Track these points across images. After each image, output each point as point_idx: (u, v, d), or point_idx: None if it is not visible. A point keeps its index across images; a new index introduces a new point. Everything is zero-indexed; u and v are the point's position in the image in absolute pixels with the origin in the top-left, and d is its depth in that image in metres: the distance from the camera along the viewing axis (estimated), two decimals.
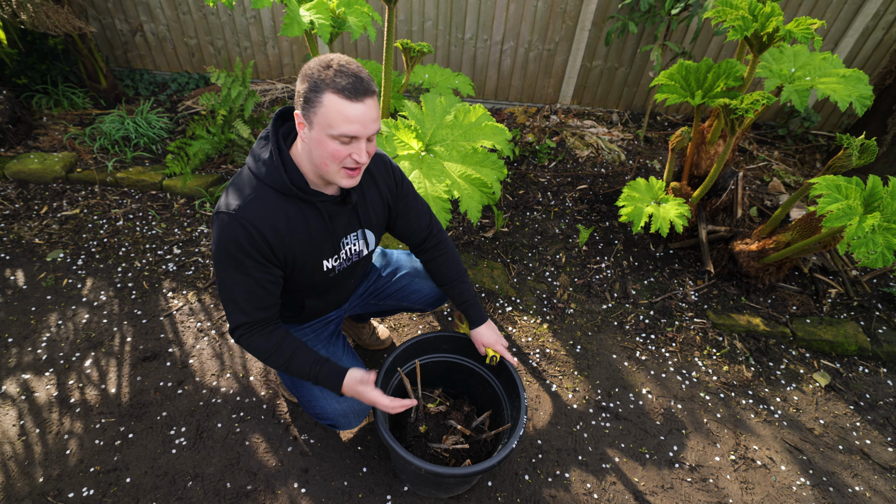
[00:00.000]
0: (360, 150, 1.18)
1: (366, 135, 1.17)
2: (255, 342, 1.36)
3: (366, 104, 1.14)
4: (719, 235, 2.84)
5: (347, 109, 1.12)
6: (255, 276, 1.29)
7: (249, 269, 1.28)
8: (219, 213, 1.26)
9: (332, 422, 1.54)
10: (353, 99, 1.12)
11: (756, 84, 3.73)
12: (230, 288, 1.29)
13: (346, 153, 1.18)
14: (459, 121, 2.32)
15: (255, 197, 1.25)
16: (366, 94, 1.13)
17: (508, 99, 4.03)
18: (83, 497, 1.71)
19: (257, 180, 1.28)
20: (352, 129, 1.14)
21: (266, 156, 1.26)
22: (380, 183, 1.48)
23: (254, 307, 1.32)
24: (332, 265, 1.45)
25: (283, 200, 1.29)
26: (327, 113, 1.13)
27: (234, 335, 1.36)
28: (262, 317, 1.35)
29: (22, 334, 2.22)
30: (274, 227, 1.27)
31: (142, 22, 3.68)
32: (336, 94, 1.11)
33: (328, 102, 1.12)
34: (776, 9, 2.17)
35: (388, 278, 1.80)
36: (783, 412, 2.19)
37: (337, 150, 1.17)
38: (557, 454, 1.95)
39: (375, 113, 1.17)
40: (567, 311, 2.54)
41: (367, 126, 1.16)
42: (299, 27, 2.02)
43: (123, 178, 3.06)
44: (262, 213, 1.25)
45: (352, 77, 1.12)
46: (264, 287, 1.31)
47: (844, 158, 2.17)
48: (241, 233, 1.23)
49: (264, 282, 1.31)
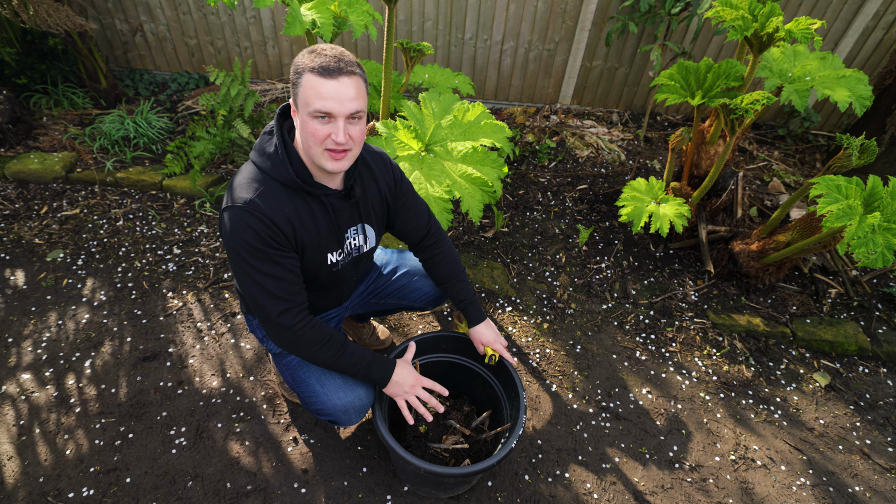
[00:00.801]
0: (337, 130, 1.19)
1: (341, 112, 1.18)
2: (306, 334, 1.35)
3: (340, 81, 1.16)
4: (719, 235, 2.84)
5: (321, 86, 1.15)
6: (281, 264, 1.29)
7: (274, 257, 1.28)
8: (228, 208, 1.26)
9: (333, 418, 1.54)
10: (326, 76, 1.15)
11: (756, 84, 3.73)
12: (259, 280, 1.28)
13: (325, 133, 1.19)
14: (459, 120, 2.32)
15: (265, 189, 1.27)
16: (341, 73, 1.16)
17: (508, 99, 4.03)
18: (83, 497, 1.71)
19: (263, 174, 1.29)
20: (326, 106, 1.16)
21: (271, 149, 1.28)
22: (380, 180, 1.49)
23: (288, 293, 1.32)
24: (335, 259, 1.46)
25: (291, 193, 1.30)
26: (305, 92, 1.17)
27: (281, 324, 1.32)
28: (299, 300, 1.35)
29: (22, 334, 2.22)
30: (286, 217, 1.28)
31: (142, 22, 3.68)
32: (312, 73, 1.16)
33: (306, 82, 1.17)
34: (776, 9, 2.17)
35: (388, 277, 1.80)
36: (783, 412, 2.19)
37: (316, 129, 1.19)
38: (557, 454, 1.95)
39: (353, 92, 1.18)
40: (567, 311, 2.53)
41: (343, 104, 1.17)
42: (301, 26, 2.02)
43: (123, 178, 3.06)
44: (274, 204, 1.26)
45: (329, 58, 1.16)
46: (292, 271, 1.32)
47: (844, 158, 2.17)
48: (258, 224, 1.24)
49: (291, 266, 1.32)
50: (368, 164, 1.48)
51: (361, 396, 1.52)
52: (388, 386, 1.48)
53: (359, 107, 1.20)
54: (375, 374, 1.45)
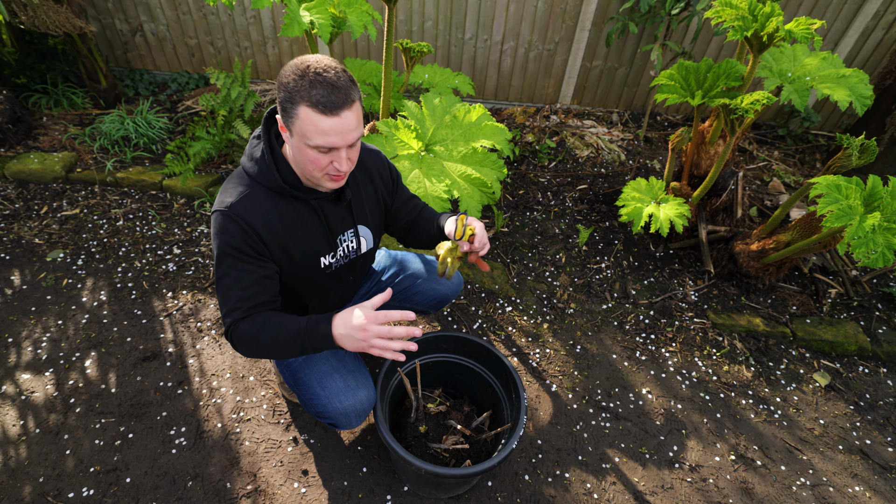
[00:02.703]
0: (339, 159, 1.17)
1: (344, 145, 1.15)
2: (240, 329, 1.24)
3: (342, 117, 1.10)
4: (719, 235, 2.84)
5: (323, 123, 1.09)
6: (249, 271, 1.27)
7: (245, 264, 1.26)
8: (214, 211, 1.27)
9: (333, 421, 1.54)
10: (328, 113, 1.08)
11: (756, 84, 3.73)
12: (226, 285, 1.26)
13: (326, 161, 1.17)
14: (459, 120, 2.32)
15: (248, 194, 1.26)
16: (342, 107, 1.09)
17: (508, 99, 4.03)
18: (83, 497, 1.71)
19: (250, 178, 1.29)
20: (328, 142, 1.12)
21: (258, 155, 1.28)
22: (376, 180, 1.49)
23: (249, 304, 1.26)
24: (329, 262, 1.45)
25: (277, 199, 1.30)
26: (303, 126, 1.11)
27: (227, 334, 1.28)
28: (258, 310, 1.29)
29: (22, 334, 2.22)
30: (266, 223, 1.27)
31: (142, 22, 3.68)
32: (311, 108, 1.08)
33: (303, 115, 1.09)
34: (776, 9, 2.17)
35: (390, 280, 1.80)
36: (783, 412, 2.19)
37: (317, 158, 1.16)
38: (557, 454, 1.95)
39: (354, 122, 1.13)
40: (567, 311, 2.53)
41: (345, 137, 1.13)
42: (299, 27, 2.02)
43: (123, 178, 3.06)
44: (254, 209, 1.26)
45: (327, 87, 1.07)
46: (260, 283, 1.28)
47: (844, 158, 2.17)
48: (234, 229, 1.23)
49: (261, 277, 1.28)
50: (363, 161, 1.47)
51: (362, 400, 1.51)
52: (342, 344, 1.18)
53: (360, 133, 1.18)
54: (316, 338, 1.19)
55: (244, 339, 1.24)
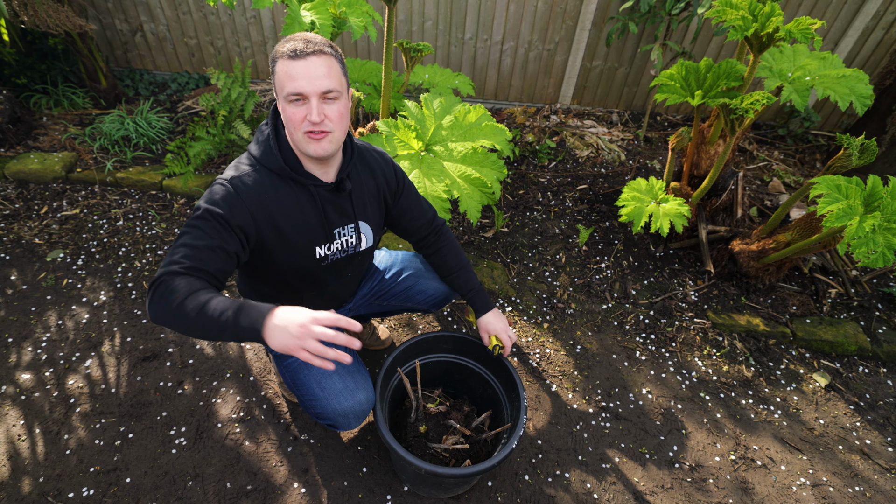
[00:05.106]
0: (311, 109, 1.19)
1: (313, 91, 1.18)
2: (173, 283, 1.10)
3: (308, 61, 1.17)
4: (719, 235, 2.84)
5: (290, 68, 1.17)
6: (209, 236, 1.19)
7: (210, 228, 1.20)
8: (213, 182, 1.30)
9: (332, 422, 1.54)
10: (295, 58, 1.16)
11: (756, 84, 3.73)
12: (181, 241, 1.19)
13: (301, 115, 1.21)
14: (459, 121, 2.32)
15: (249, 172, 1.30)
16: (309, 54, 1.17)
17: (508, 99, 4.03)
18: (83, 497, 1.71)
19: (254, 159, 1.33)
20: (296, 86, 1.17)
21: (263, 138, 1.32)
22: (378, 176, 1.50)
23: (192, 264, 1.15)
24: (324, 253, 1.45)
25: (277, 181, 1.32)
26: (280, 79, 1.19)
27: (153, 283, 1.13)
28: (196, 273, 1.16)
29: (22, 334, 2.22)
30: (261, 201, 1.29)
31: (142, 22, 3.68)
32: (283, 59, 1.18)
33: (279, 68, 1.19)
34: (776, 9, 2.17)
35: (392, 279, 1.80)
36: (783, 412, 2.19)
37: (293, 112, 1.21)
38: (557, 454, 1.95)
39: (323, 70, 1.18)
40: (567, 311, 2.53)
41: (313, 82, 1.17)
42: (300, 27, 2.02)
43: (123, 178, 3.06)
44: (252, 187, 1.28)
45: (300, 41, 1.18)
46: (213, 251, 1.19)
47: (844, 158, 2.17)
48: (224, 193, 1.24)
49: (217, 246, 1.20)
50: (366, 159, 1.48)
51: (361, 401, 1.51)
52: (270, 335, 1.03)
53: (331, 85, 1.20)
54: (244, 321, 1.04)
55: (168, 295, 1.10)
